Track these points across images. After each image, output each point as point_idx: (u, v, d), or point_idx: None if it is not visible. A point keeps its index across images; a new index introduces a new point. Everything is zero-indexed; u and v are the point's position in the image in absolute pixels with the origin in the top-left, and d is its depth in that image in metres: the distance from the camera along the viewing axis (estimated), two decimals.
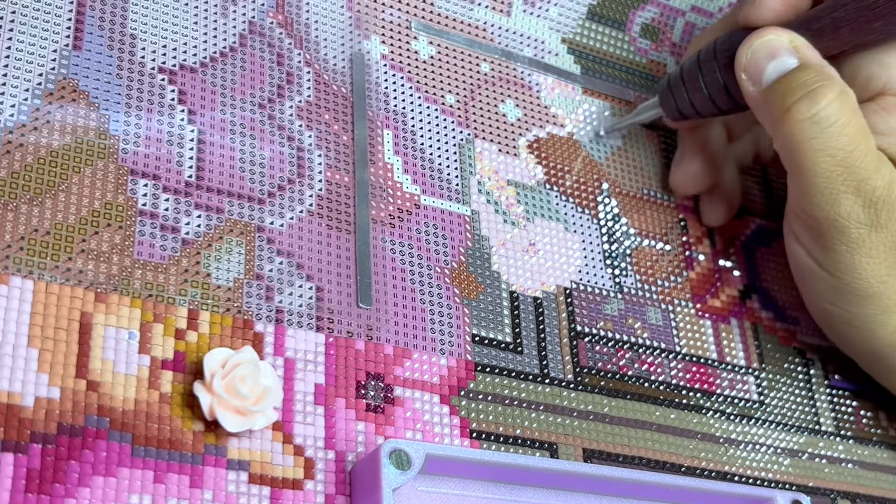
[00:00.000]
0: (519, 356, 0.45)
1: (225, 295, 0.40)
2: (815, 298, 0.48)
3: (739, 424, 0.48)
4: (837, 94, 0.43)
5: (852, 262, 0.45)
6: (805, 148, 0.44)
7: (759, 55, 0.44)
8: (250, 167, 0.43)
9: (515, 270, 0.47)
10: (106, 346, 0.37)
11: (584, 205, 0.50)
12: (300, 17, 0.48)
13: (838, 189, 0.43)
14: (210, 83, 0.44)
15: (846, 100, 0.44)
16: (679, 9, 0.57)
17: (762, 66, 0.44)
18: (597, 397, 0.45)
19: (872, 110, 0.45)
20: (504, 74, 0.51)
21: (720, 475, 0.46)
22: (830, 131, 0.43)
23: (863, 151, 0.43)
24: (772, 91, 0.44)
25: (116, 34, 0.43)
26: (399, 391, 0.41)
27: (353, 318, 0.42)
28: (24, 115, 0.40)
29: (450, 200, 0.47)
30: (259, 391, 0.37)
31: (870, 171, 0.43)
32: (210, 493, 0.36)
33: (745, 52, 0.45)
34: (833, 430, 0.50)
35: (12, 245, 0.37)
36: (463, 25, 0.52)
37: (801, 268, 0.47)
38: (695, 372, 0.48)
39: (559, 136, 0.51)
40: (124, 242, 0.39)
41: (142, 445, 0.36)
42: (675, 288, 0.50)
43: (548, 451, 0.43)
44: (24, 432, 0.34)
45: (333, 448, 0.39)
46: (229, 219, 0.42)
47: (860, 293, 0.45)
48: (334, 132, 0.46)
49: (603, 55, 0.55)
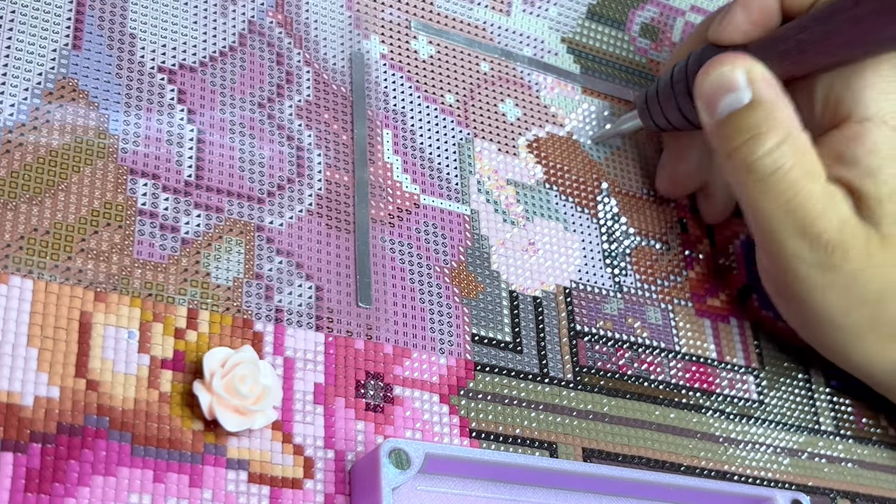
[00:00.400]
0: (518, 356, 0.45)
1: (224, 294, 0.40)
2: (792, 323, 0.48)
3: (739, 424, 0.48)
4: (783, 138, 0.43)
5: (810, 299, 0.44)
6: (748, 190, 0.44)
7: (715, 86, 0.44)
8: (250, 167, 0.43)
9: (515, 270, 0.47)
10: (106, 345, 0.37)
11: (584, 204, 0.50)
12: (300, 16, 0.48)
13: (783, 231, 0.43)
14: (210, 83, 0.44)
15: (792, 143, 0.43)
16: (679, 8, 0.57)
17: (717, 98, 0.44)
18: (596, 397, 0.45)
19: (837, 139, 0.44)
20: (504, 74, 0.51)
21: (720, 475, 0.46)
22: (773, 177, 0.43)
23: (807, 195, 0.43)
24: (723, 126, 0.44)
25: (116, 34, 0.43)
26: (399, 390, 0.41)
27: (353, 318, 0.42)
28: (23, 115, 0.40)
29: (449, 200, 0.47)
30: (259, 390, 0.37)
31: (815, 215, 0.43)
32: (210, 492, 0.36)
33: (702, 80, 0.44)
34: (833, 430, 0.50)
35: (12, 244, 0.37)
36: (462, 25, 0.52)
37: (772, 297, 0.47)
38: (694, 371, 0.48)
39: (559, 135, 0.51)
40: (124, 242, 0.39)
41: (141, 445, 0.36)
42: (674, 287, 0.50)
43: (547, 451, 0.43)
44: (24, 432, 0.34)
45: (333, 447, 0.39)
46: (229, 218, 0.42)
47: (826, 324, 0.45)
48: (334, 132, 0.46)
49: (602, 55, 0.55)
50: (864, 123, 0.44)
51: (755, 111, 0.43)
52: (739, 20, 0.45)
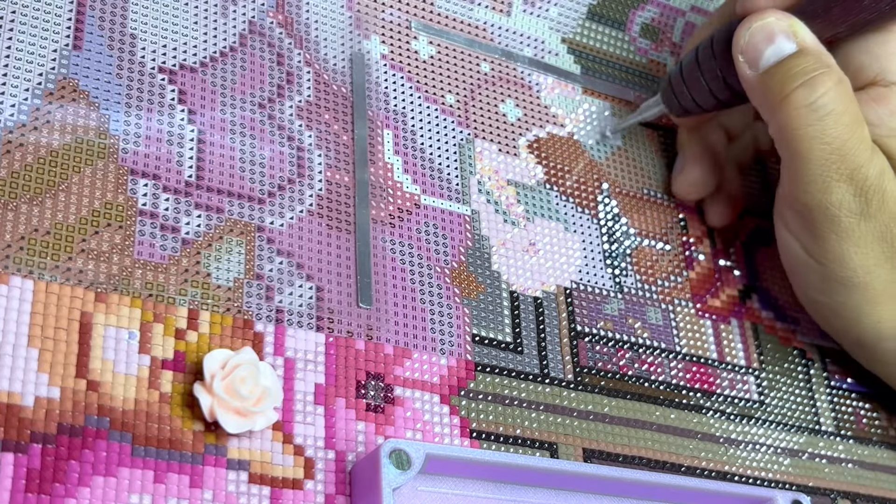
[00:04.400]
0: (519, 356, 0.45)
1: (225, 295, 0.40)
2: (803, 287, 0.48)
3: (739, 424, 0.48)
4: (836, 82, 0.44)
5: (840, 252, 0.45)
6: (801, 135, 0.44)
7: (758, 38, 0.44)
8: (250, 167, 0.43)
9: (515, 270, 0.47)
10: (106, 345, 0.37)
11: (584, 205, 0.50)
12: (300, 16, 0.48)
13: (831, 177, 0.44)
14: (210, 83, 0.44)
15: (844, 88, 0.44)
16: (679, 9, 0.57)
17: (760, 49, 0.44)
18: (597, 397, 0.45)
19: (863, 100, 0.45)
20: (504, 74, 0.51)
21: (720, 475, 0.46)
22: (827, 120, 0.43)
23: (858, 140, 0.44)
24: (769, 76, 0.44)
25: (116, 34, 0.43)
26: (399, 391, 0.41)
27: (353, 318, 0.42)
28: (24, 115, 0.40)
29: (450, 200, 0.47)
30: (259, 392, 0.37)
31: (863, 160, 0.44)
32: (210, 492, 0.36)
33: (743, 33, 0.45)
34: (833, 430, 0.50)
35: (12, 245, 0.37)
36: (463, 25, 0.52)
37: (789, 256, 0.47)
38: (695, 372, 0.48)
39: (559, 135, 0.51)
40: (124, 242, 0.39)
41: (142, 445, 0.36)
42: (675, 288, 0.50)
43: (548, 451, 0.43)
44: (24, 432, 0.34)
45: (333, 448, 0.39)
46: (229, 218, 0.42)
47: (847, 283, 0.46)
48: (334, 132, 0.46)
49: (603, 55, 0.55)
50: (889, 87, 0.45)
51: (805, 57, 0.44)
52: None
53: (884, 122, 0.45)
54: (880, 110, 0.45)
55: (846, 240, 0.45)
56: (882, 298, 0.46)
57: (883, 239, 0.45)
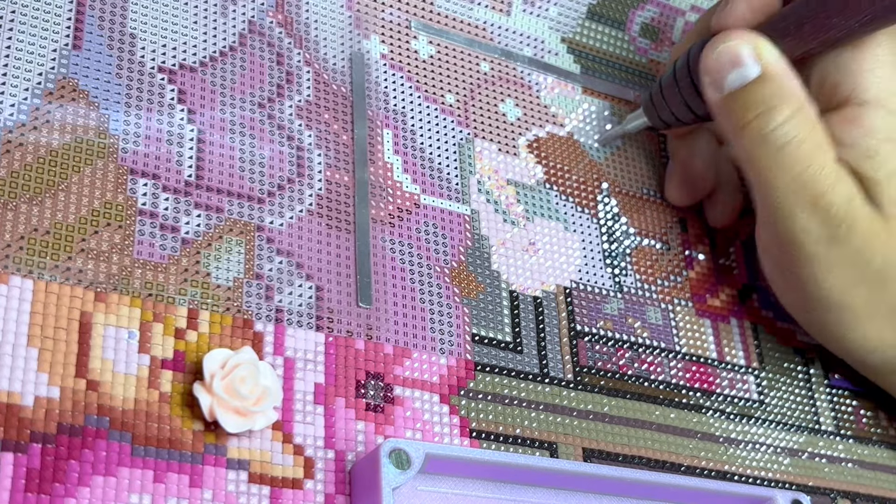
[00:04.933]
0: (519, 356, 0.45)
1: (225, 294, 0.40)
2: (788, 305, 0.48)
3: (739, 424, 0.48)
4: (795, 110, 0.43)
5: (812, 276, 0.45)
6: (762, 165, 0.44)
7: (723, 60, 0.44)
8: (250, 167, 0.43)
9: (515, 270, 0.47)
10: (106, 345, 0.37)
11: (584, 204, 0.50)
12: (300, 16, 0.48)
13: (795, 204, 0.43)
14: (210, 82, 0.44)
15: (804, 116, 0.43)
16: (679, 8, 0.57)
17: (725, 72, 0.44)
18: (596, 397, 0.45)
19: (836, 122, 0.45)
20: (504, 74, 0.51)
21: (720, 475, 0.46)
22: (787, 149, 0.43)
23: (819, 167, 0.43)
24: (732, 100, 0.44)
25: (116, 34, 0.43)
26: (399, 390, 0.41)
27: (353, 318, 0.42)
28: (23, 115, 0.40)
29: (449, 200, 0.47)
30: (259, 392, 0.37)
31: (825, 187, 0.43)
32: (210, 492, 0.36)
33: (708, 56, 0.44)
34: (833, 430, 0.50)
35: (12, 244, 0.37)
36: (463, 25, 0.52)
37: (770, 277, 0.47)
38: (694, 371, 0.48)
39: (559, 135, 0.51)
40: (124, 242, 0.39)
41: (142, 445, 0.36)
42: (674, 287, 0.50)
43: (548, 451, 0.43)
44: (24, 432, 0.34)
45: (333, 447, 0.39)
46: (229, 218, 0.42)
47: (824, 302, 0.45)
48: (334, 132, 0.46)
49: (603, 55, 0.55)
50: (863, 106, 0.45)
51: (766, 84, 0.43)
52: (741, 7, 0.45)
53: (857, 143, 0.44)
54: (854, 131, 0.44)
55: (815, 265, 0.44)
56: (863, 317, 0.45)
57: (855, 264, 0.44)
